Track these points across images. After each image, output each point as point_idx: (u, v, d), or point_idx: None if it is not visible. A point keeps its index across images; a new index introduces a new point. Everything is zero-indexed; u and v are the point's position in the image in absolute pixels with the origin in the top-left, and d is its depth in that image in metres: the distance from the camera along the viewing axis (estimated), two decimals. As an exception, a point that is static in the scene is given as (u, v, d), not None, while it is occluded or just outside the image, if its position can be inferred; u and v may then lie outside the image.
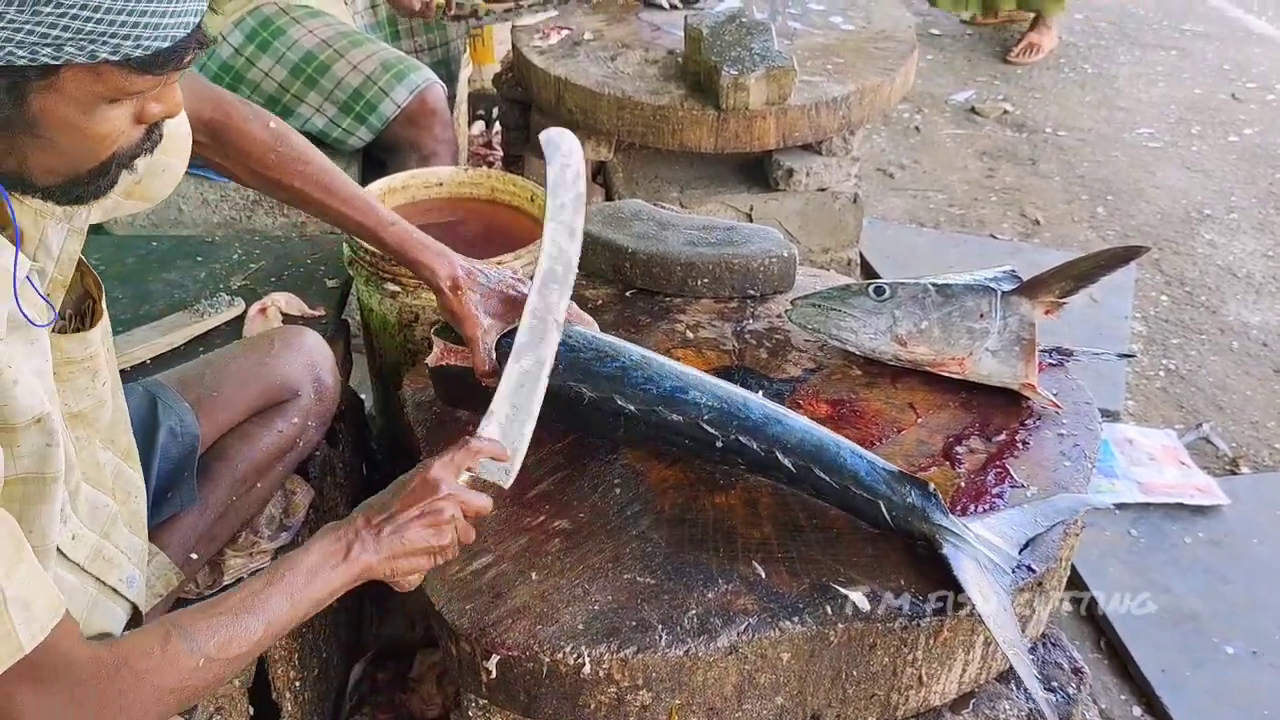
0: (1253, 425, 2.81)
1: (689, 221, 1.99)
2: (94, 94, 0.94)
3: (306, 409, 1.65)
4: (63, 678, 0.98)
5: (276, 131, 1.47)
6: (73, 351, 1.15)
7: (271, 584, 1.13)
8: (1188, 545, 2.37)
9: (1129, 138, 4.34)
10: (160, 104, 1.01)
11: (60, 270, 1.13)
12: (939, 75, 4.83)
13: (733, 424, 1.38)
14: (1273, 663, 2.11)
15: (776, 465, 1.37)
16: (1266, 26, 5.47)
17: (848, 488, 1.34)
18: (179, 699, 1.07)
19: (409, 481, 1.24)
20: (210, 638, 1.07)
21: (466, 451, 1.28)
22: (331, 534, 1.19)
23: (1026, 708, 1.41)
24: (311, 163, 1.48)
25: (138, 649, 1.04)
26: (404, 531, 1.20)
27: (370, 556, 1.18)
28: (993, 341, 1.59)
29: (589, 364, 1.43)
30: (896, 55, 2.93)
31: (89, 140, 0.97)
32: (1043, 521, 1.39)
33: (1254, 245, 3.63)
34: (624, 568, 1.32)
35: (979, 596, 1.26)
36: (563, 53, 2.90)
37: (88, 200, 1.05)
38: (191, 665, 1.05)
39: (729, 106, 2.62)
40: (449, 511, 1.22)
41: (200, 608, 1.10)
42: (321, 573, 1.16)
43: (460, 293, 1.48)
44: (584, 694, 1.24)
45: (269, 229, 2.73)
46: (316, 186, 1.49)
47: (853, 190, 2.96)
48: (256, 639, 1.10)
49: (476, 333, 1.46)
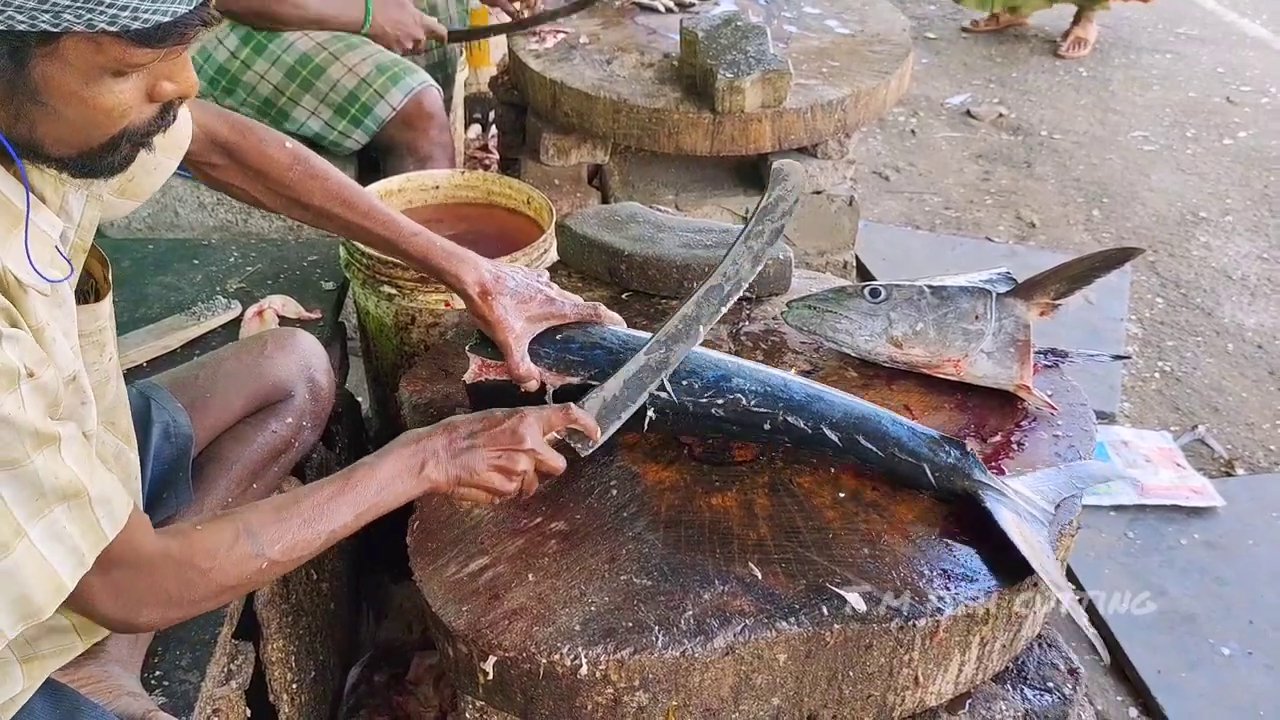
0: (1248, 427, 2.82)
1: (685, 224, 2.00)
2: (95, 65, 0.94)
3: (301, 410, 1.65)
4: (134, 566, 1.06)
5: (293, 150, 1.47)
6: (84, 323, 1.19)
7: (343, 492, 1.18)
8: (1183, 547, 2.38)
9: (1124, 141, 4.35)
10: (173, 82, 1.01)
11: (81, 235, 1.16)
12: (934, 79, 4.84)
13: (779, 405, 1.43)
14: (1268, 664, 2.12)
15: (823, 440, 1.42)
16: (1261, 30, 5.49)
17: (893, 454, 1.40)
18: (238, 593, 1.16)
19: (500, 421, 1.28)
20: (276, 542, 1.12)
21: (564, 416, 1.32)
22: (411, 445, 1.24)
23: (1023, 708, 1.41)
24: (330, 179, 1.48)
25: (205, 547, 1.10)
26: (478, 466, 1.25)
27: (440, 476, 1.23)
28: (988, 343, 1.59)
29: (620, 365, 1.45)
30: (892, 59, 2.93)
31: (94, 112, 0.97)
32: (1076, 484, 1.46)
33: (1249, 248, 3.64)
34: (620, 569, 1.32)
35: (1022, 543, 1.30)
36: (559, 56, 2.91)
37: (101, 175, 1.05)
38: (255, 566, 1.12)
39: (724, 109, 2.62)
40: (523, 465, 1.27)
41: (272, 508, 1.15)
42: (393, 485, 1.21)
43: (490, 299, 1.45)
44: (581, 695, 1.24)
45: (265, 232, 2.73)
46: (337, 202, 1.48)
47: (848, 193, 2.96)
48: (319, 545, 1.16)
49: (510, 338, 1.44)
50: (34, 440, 0.95)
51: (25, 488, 0.96)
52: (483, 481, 1.26)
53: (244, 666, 1.50)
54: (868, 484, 1.45)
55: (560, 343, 1.48)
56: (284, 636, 1.66)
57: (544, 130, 2.95)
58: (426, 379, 1.70)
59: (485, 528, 1.39)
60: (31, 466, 0.95)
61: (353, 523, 1.18)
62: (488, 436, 1.26)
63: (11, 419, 0.93)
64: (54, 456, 0.98)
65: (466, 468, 1.25)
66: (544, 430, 1.30)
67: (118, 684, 1.34)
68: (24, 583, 0.98)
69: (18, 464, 0.94)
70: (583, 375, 1.45)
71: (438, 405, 1.63)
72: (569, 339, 1.48)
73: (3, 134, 0.97)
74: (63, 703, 1.20)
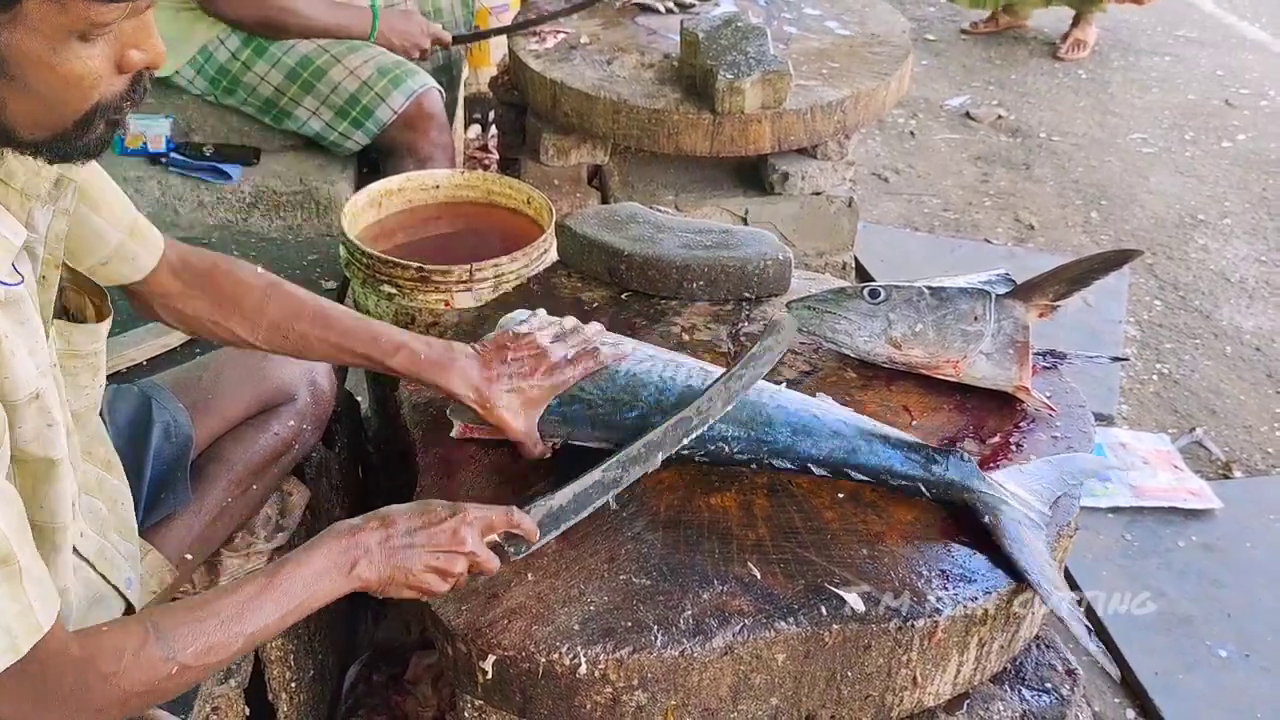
0: (1245, 429, 2.82)
1: (684, 225, 2.00)
2: (61, 26, 0.90)
3: (302, 412, 1.65)
4: (37, 668, 0.96)
5: (266, 276, 1.43)
6: (81, 344, 1.16)
7: (266, 590, 1.10)
8: (1181, 549, 2.38)
9: (1123, 143, 4.36)
10: (140, 50, 0.97)
11: (50, 250, 1.11)
12: (934, 80, 4.85)
13: (762, 450, 1.43)
14: (1265, 666, 2.12)
15: (811, 474, 1.43)
16: (1260, 33, 5.50)
17: (884, 480, 1.42)
18: (145, 701, 1.04)
19: (442, 519, 1.22)
20: (189, 644, 1.04)
21: (505, 519, 1.26)
22: (339, 541, 1.16)
23: (1020, 709, 1.41)
24: (307, 302, 1.42)
25: (108, 649, 1.01)
26: (414, 567, 1.18)
27: (371, 575, 1.17)
28: (987, 344, 1.59)
29: (609, 417, 1.45)
30: (891, 60, 2.94)
31: (63, 82, 0.93)
32: (1068, 480, 1.47)
33: (1247, 250, 3.65)
34: (619, 569, 1.33)
35: (1024, 549, 1.32)
36: (559, 56, 2.91)
37: (77, 158, 1.02)
38: (164, 671, 1.03)
39: (724, 110, 2.63)
40: (460, 568, 1.22)
41: (187, 607, 1.07)
42: (321, 583, 1.14)
43: (489, 406, 1.41)
44: (580, 694, 1.25)
45: (265, 231, 2.74)
46: (317, 324, 1.41)
47: (848, 194, 2.97)
48: (237, 648, 1.08)
49: (518, 435, 1.42)
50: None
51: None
52: (417, 583, 1.19)
53: (243, 665, 1.50)
54: (866, 485, 1.46)
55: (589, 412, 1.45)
56: (283, 635, 1.66)
57: (544, 130, 2.95)
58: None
59: (484, 527, 1.39)
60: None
61: (275, 623, 1.11)
62: (426, 535, 1.20)
63: None
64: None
65: (401, 568, 1.18)
66: (484, 532, 1.24)
67: None
68: None
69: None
70: (562, 435, 1.45)
71: (436, 405, 1.63)
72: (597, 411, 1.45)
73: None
74: None
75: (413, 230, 2.21)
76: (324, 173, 2.81)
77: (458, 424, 1.50)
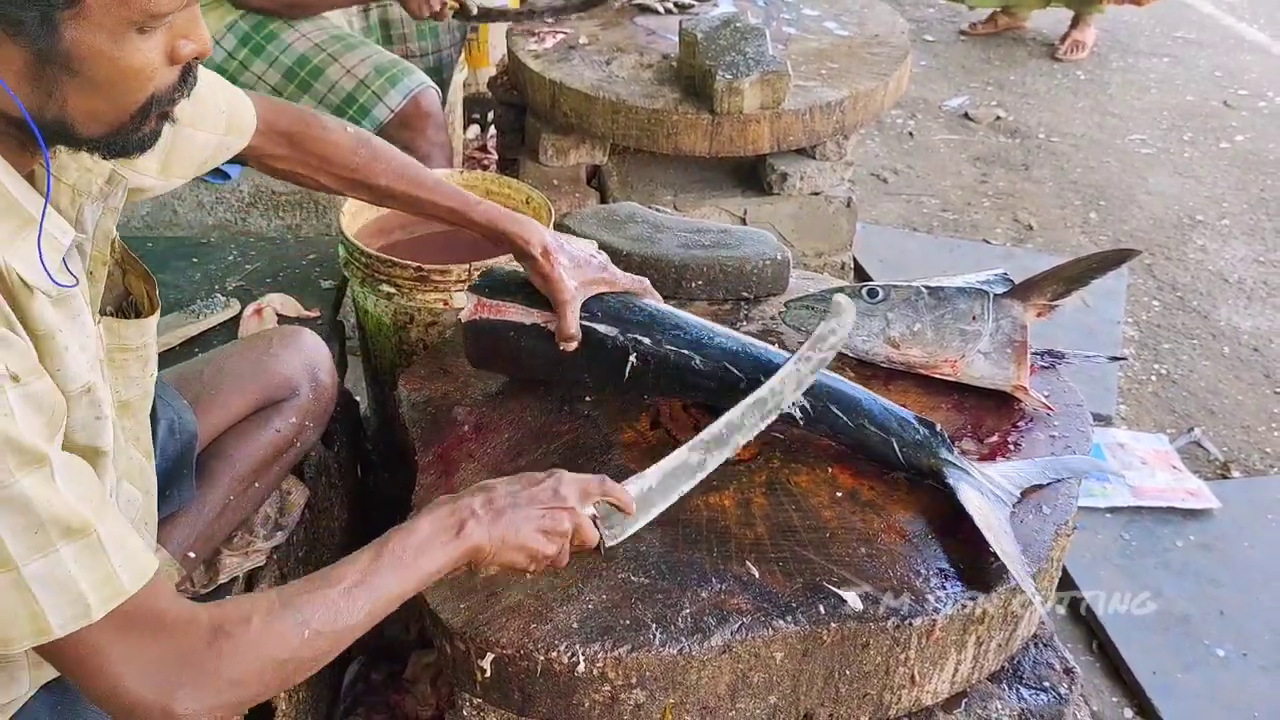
0: (1244, 429, 2.82)
1: (683, 224, 2.00)
2: (122, 19, 0.93)
3: (304, 408, 1.65)
4: (156, 631, 0.96)
5: (356, 135, 1.50)
6: (130, 338, 1.20)
7: (379, 559, 1.09)
8: (1179, 549, 2.39)
9: (1121, 144, 4.36)
10: (190, 40, 1.00)
11: (98, 247, 1.15)
12: (933, 81, 4.85)
13: (757, 367, 1.47)
14: (1263, 665, 2.12)
15: (795, 405, 1.45)
16: (1258, 34, 5.50)
17: (863, 425, 1.44)
18: (284, 671, 1.03)
19: (538, 481, 1.23)
20: (316, 610, 1.03)
21: (600, 486, 1.26)
22: (445, 508, 1.16)
23: (1018, 708, 1.41)
24: (394, 160, 1.52)
25: (236, 615, 1.01)
26: (522, 525, 1.18)
27: (482, 535, 1.15)
28: (985, 344, 1.60)
29: (619, 311, 1.52)
30: (890, 61, 2.94)
31: (124, 74, 0.96)
32: (1049, 474, 1.48)
33: (1245, 251, 3.65)
34: (618, 567, 1.33)
35: (979, 518, 1.33)
36: (558, 56, 2.91)
37: (132, 152, 1.04)
38: (297, 637, 1.02)
39: (723, 110, 2.63)
40: (566, 525, 1.21)
41: (310, 581, 1.07)
42: (431, 549, 1.12)
43: (551, 257, 1.50)
44: (578, 693, 1.25)
45: (264, 230, 2.74)
46: (402, 180, 1.52)
47: (846, 194, 2.97)
48: (364, 614, 1.07)
49: (565, 296, 1.49)
50: (16, 458, 0.88)
51: (16, 514, 0.88)
52: (525, 542, 1.18)
53: (241, 664, 1.50)
54: (865, 483, 1.46)
55: (615, 303, 1.53)
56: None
57: (543, 130, 2.95)
58: (425, 377, 1.70)
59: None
60: (17, 488, 0.88)
61: (396, 590, 1.09)
62: (528, 495, 1.20)
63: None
64: (44, 481, 0.90)
65: (510, 526, 1.17)
66: (584, 498, 1.24)
67: None
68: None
69: (4, 484, 0.87)
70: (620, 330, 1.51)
71: (436, 404, 1.64)
72: (629, 301, 1.54)
73: (32, 119, 0.95)
74: (63, 702, 1.20)
75: (411, 229, 2.21)
76: (323, 172, 2.81)
77: (470, 301, 1.54)
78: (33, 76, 0.93)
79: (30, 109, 0.94)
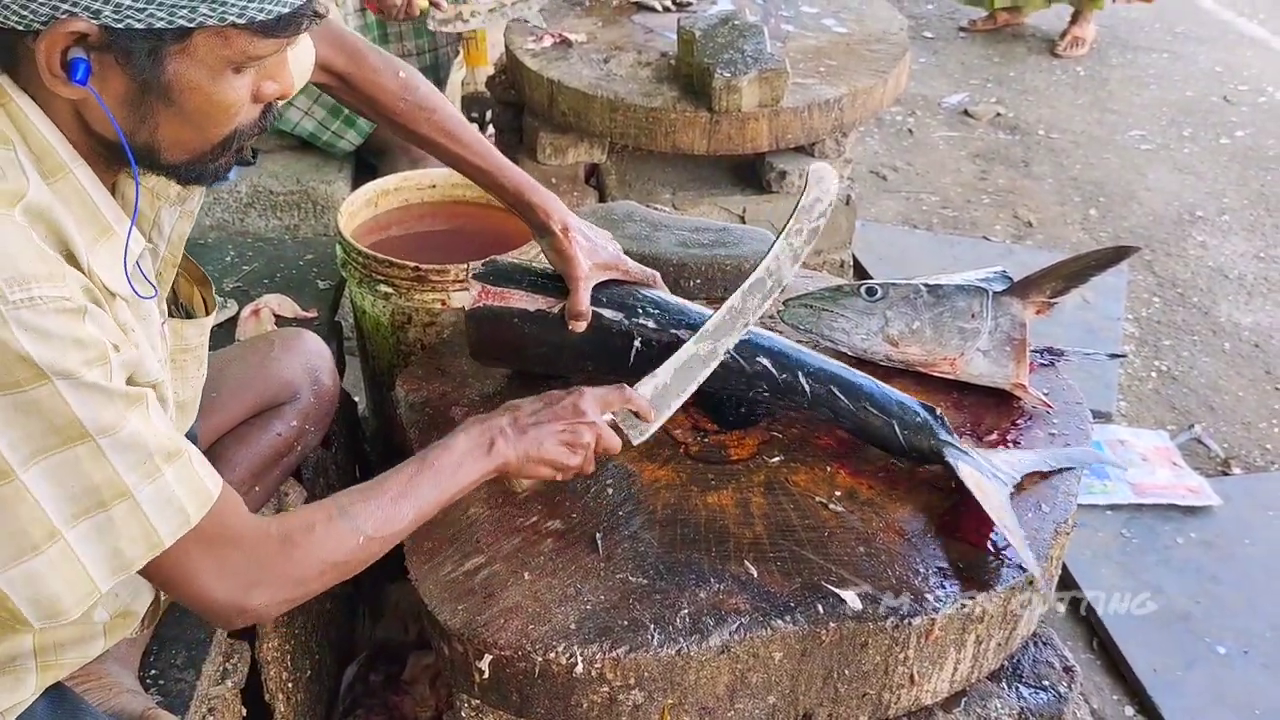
0: (1244, 426, 2.82)
1: (681, 223, 2.00)
2: (222, 58, 0.99)
3: (305, 412, 1.64)
4: (234, 543, 1.08)
5: (405, 81, 1.53)
6: (190, 338, 1.26)
7: (422, 471, 1.21)
8: (1180, 546, 2.38)
9: (1121, 140, 4.35)
10: (275, 82, 1.06)
11: (171, 250, 1.22)
12: (932, 78, 4.84)
13: (761, 350, 1.48)
14: (1264, 662, 2.12)
15: (798, 389, 1.46)
16: (1258, 29, 5.49)
17: (864, 407, 1.45)
18: (341, 572, 1.16)
19: (560, 399, 1.32)
20: (369, 518, 1.15)
21: (619, 395, 1.36)
22: (477, 427, 1.27)
23: (1018, 706, 1.41)
24: (438, 110, 1.55)
25: (301, 524, 1.13)
26: (544, 440, 1.28)
27: (510, 452, 1.26)
28: (984, 342, 1.59)
29: (623, 298, 1.53)
30: (889, 58, 2.94)
31: (215, 108, 1.02)
32: (1049, 463, 1.49)
33: (1245, 247, 3.64)
34: (616, 567, 1.32)
35: (979, 493, 1.34)
36: (556, 55, 2.91)
37: (208, 181, 1.11)
38: (354, 541, 1.14)
39: (722, 109, 2.62)
40: (587, 437, 1.30)
41: (361, 491, 1.18)
42: (466, 464, 1.24)
43: (570, 234, 1.53)
44: (576, 694, 1.24)
45: (262, 231, 2.73)
46: (440, 132, 1.56)
47: (845, 192, 2.96)
48: (409, 521, 1.19)
49: (579, 275, 1.51)
50: (125, 401, 0.97)
51: (130, 452, 0.97)
52: (549, 455, 1.28)
53: (239, 665, 1.50)
54: (864, 482, 1.46)
55: (621, 291, 1.54)
56: (280, 635, 1.66)
57: (541, 129, 2.95)
58: (423, 378, 1.70)
59: (481, 526, 1.39)
60: (130, 427, 0.97)
61: (434, 500, 1.21)
62: (550, 413, 1.30)
63: (104, 386, 0.95)
64: (144, 416, 0.99)
65: (534, 441, 1.27)
66: (602, 408, 1.33)
67: (116, 681, 1.34)
68: (117, 538, 0.99)
69: (116, 428, 0.96)
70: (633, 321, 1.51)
71: (434, 404, 1.63)
72: (632, 289, 1.55)
73: (125, 141, 1.00)
74: (63, 704, 1.20)
75: (409, 229, 2.20)
76: (321, 173, 2.81)
77: (474, 288, 1.55)
78: (132, 102, 1.00)
79: (125, 132, 1.00)
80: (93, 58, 0.96)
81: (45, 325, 0.91)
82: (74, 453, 0.95)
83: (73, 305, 0.94)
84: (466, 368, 1.68)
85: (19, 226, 0.94)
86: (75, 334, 0.93)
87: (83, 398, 0.93)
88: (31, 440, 0.93)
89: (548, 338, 1.53)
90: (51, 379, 0.92)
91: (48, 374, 0.91)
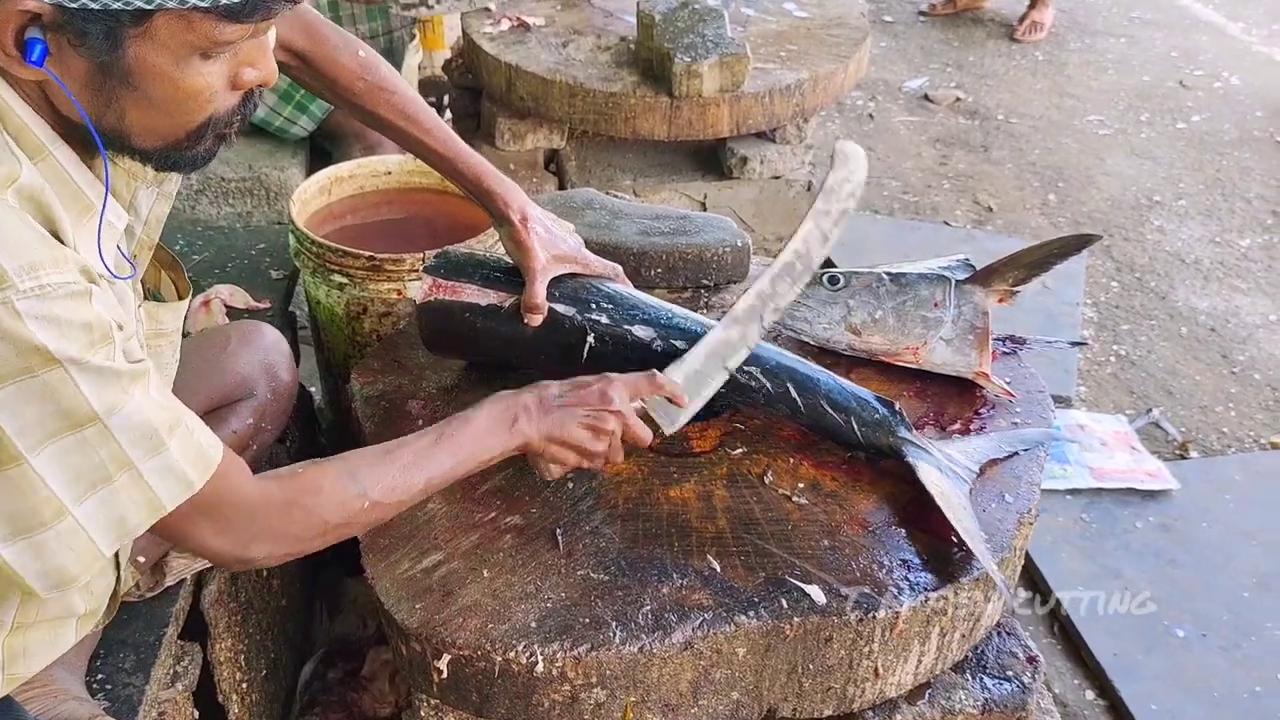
0: (1201, 410, 2.84)
1: (642, 211, 1.97)
2: (186, 43, 0.95)
3: (261, 408, 1.60)
4: (237, 505, 1.09)
5: (364, 60, 1.50)
6: (166, 322, 1.25)
7: (439, 442, 1.21)
8: (1138, 530, 2.40)
9: (1079, 125, 4.38)
10: (255, 69, 1.03)
11: (147, 232, 1.21)
12: (892, 63, 4.84)
13: None
14: (1222, 645, 2.14)
15: (754, 386, 1.44)
16: (1214, 15, 5.54)
17: (820, 404, 1.43)
18: (342, 533, 1.17)
19: (588, 384, 1.31)
20: (377, 482, 1.16)
21: (649, 381, 1.35)
22: (502, 402, 1.27)
23: (982, 697, 1.41)
24: (397, 93, 1.52)
25: (308, 485, 1.14)
26: (568, 422, 1.28)
27: (532, 430, 1.26)
28: (947, 330, 1.58)
29: (576, 292, 1.50)
30: (850, 42, 2.92)
31: (182, 95, 0.99)
32: (1005, 447, 1.48)
33: (1201, 231, 3.67)
34: (577, 564, 1.30)
35: (940, 496, 1.33)
36: (514, 39, 2.87)
37: (183, 169, 1.09)
38: (358, 505, 1.15)
39: (682, 94, 2.60)
40: (611, 425, 1.29)
41: (374, 454, 1.19)
42: (487, 437, 1.24)
43: (529, 224, 1.50)
44: (537, 693, 1.22)
45: (213, 219, 2.68)
46: (399, 115, 1.52)
47: (807, 178, 2.95)
48: (418, 491, 1.20)
49: (536, 266, 1.48)
50: (129, 378, 0.97)
51: (136, 427, 0.98)
52: (572, 438, 1.27)
53: (190, 668, 1.47)
54: (827, 474, 1.44)
55: (576, 284, 1.51)
56: (233, 635, 1.62)
57: (499, 114, 2.91)
58: (379, 370, 1.66)
59: (439, 523, 1.36)
60: (133, 404, 0.97)
61: (450, 471, 1.21)
62: (576, 397, 1.29)
63: (110, 367, 0.95)
64: (145, 391, 0.99)
65: (557, 424, 1.27)
66: (630, 395, 1.32)
67: (62, 688, 1.30)
68: (122, 507, 0.99)
69: (121, 406, 0.96)
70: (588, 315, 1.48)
71: (390, 397, 1.60)
72: (587, 283, 1.52)
73: (91, 123, 0.98)
74: (5, 715, 1.17)
75: (364, 218, 2.16)
76: (274, 159, 2.75)
77: (425, 282, 1.52)
78: (94, 86, 0.97)
79: (90, 115, 0.98)
80: (49, 38, 0.93)
81: (56, 312, 0.91)
82: (83, 435, 0.95)
83: (79, 288, 0.93)
84: (423, 359, 1.65)
85: (13, 210, 0.92)
86: (84, 318, 0.93)
87: (91, 379, 0.94)
88: (43, 424, 0.93)
89: (500, 331, 1.50)
90: (62, 364, 0.92)
91: (59, 359, 0.91)
